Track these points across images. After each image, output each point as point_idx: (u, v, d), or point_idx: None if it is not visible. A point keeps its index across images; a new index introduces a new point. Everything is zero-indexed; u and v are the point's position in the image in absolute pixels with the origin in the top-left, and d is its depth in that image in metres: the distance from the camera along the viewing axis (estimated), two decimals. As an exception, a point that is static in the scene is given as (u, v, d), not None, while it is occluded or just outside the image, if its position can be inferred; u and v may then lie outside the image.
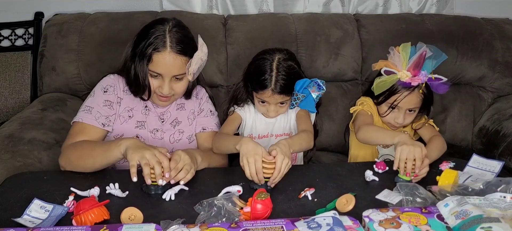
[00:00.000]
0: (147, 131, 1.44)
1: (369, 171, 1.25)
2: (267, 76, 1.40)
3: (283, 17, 2.03)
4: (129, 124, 1.43)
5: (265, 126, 1.55)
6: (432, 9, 2.26)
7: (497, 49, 2.03)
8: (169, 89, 1.38)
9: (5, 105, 2.04)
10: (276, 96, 1.42)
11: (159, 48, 1.33)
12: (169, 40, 1.33)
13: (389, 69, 1.44)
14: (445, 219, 0.96)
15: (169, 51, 1.33)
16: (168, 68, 1.35)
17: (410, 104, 1.45)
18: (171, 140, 1.47)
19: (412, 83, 1.41)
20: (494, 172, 1.26)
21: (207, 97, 1.56)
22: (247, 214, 1.02)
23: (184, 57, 1.36)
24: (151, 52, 1.33)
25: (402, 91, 1.43)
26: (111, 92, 1.43)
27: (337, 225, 0.91)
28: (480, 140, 1.99)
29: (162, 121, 1.47)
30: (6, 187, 1.19)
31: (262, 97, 1.45)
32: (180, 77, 1.39)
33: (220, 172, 1.34)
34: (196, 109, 1.52)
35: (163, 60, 1.33)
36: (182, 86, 1.41)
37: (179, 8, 2.09)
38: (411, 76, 1.41)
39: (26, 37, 2.12)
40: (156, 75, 1.37)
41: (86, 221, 1.00)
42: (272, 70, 1.40)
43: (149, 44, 1.33)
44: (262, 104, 1.48)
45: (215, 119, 1.54)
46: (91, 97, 1.42)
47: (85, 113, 1.38)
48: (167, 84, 1.37)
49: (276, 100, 1.44)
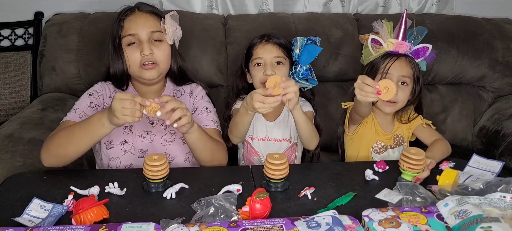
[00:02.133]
0: (135, 135, 1.42)
1: (369, 170, 1.25)
2: (258, 37, 1.52)
3: (283, 17, 2.03)
4: (116, 129, 1.37)
5: (264, 128, 1.54)
6: (432, 9, 2.26)
7: (497, 49, 2.03)
8: (149, 50, 1.35)
9: (5, 105, 2.04)
10: (270, 46, 1.46)
11: (129, 14, 1.38)
12: (137, 6, 1.40)
13: (375, 37, 1.48)
14: (444, 219, 0.95)
15: (138, 12, 1.38)
16: (142, 25, 1.36)
17: (401, 71, 1.45)
18: (162, 142, 1.43)
19: (399, 51, 1.45)
20: (494, 172, 1.26)
21: (203, 95, 1.52)
22: (245, 214, 1.02)
23: (155, 16, 1.40)
24: (123, 19, 1.37)
25: (391, 58, 1.45)
26: (97, 97, 1.43)
27: (336, 224, 0.91)
28: (480, 140, 1.99)
29: (152, 123, 1.44)
30: (6, 187, 1.19)
31: (256, 55, 1.47)
32: (158, 39, 1.39)
33: (220, 171, 1.34)
34: (190, 108, 1.49)
35: (134, 20, 1.37)
36: (163, 51, 1.40)
37: (179, 8, 2.09)
38: (397, 43, 1.44)
39: (26, 37, 2.12)
40: (133, 42, 1.37)
41: (85, 220, 1.00)
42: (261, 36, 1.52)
43: (119, 18, 1.38)
44: (258, 67, 1.48)
45: (212, 116, 1.48)
46: (77, 101, 1.43)
47: (70, 113, 1.37)
48: (146, 44, 1.35)
49: (270, 52, 1.46)
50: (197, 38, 1.90)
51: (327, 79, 2.01)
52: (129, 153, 1.40)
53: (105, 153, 1.41)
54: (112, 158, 1.40)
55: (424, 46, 1.47)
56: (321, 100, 1.90)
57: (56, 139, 1.26)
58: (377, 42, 1.48)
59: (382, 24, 1.49)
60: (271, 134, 1.54)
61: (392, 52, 1.46)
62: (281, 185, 1.17)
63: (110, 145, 1.40)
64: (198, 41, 1.90)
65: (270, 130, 1.54)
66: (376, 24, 1.50)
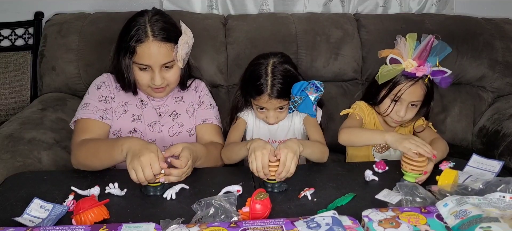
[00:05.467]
0: (144, 124, 1.44)
1: (369, 171, 1.25)
2: (263, 81, 1.37)
3: (283, 17, 2.03)
4: (125, 118, 1.43)
5: (267, 131, 1.53)
6: (432, 9, 2.26)
7: (497, 49, 2.03)
8: (161, 79, 1.36)
9: (5, 105, 2.04)
10: (274, 101, 1.39)
11: (142, 39, 1.32)
12: (151, 30, 1.33)
13: (395, 57, 1.41)
14: (444, 219, 0.96)
15: (152, 41, 1.32)
16: (155, 57, 1.33)
17: (413, 97, 1.43)
18: (170, 133, 1.46)
19: (417, 73, 1.39)
20: (494, 172, 1.26)
21: (206, 91, 1.55)
22: (245, 214, 1.02)
23: (168, 43, 1.35)
24: (134, 44, 1.33)
25: (406, 82, 1.41)
26: (104, 88, 1.44)
27: (336, 225, 0.91)
28: (480, 140, 1.99)
29: (159, 114, 1.47)
30: (6, 187, 1.19)
31: (260, 104, 1.42)
32: (169, 66, 1.38)
33: (220, 172, 1.34)
34: (196, 102, 1.52)
35: (147, 50, 1.33)
36: (174, 74, 1.40)
37: (179, 8, 2.09)
38: (416, 66, 1.39)
39: (26, 37, 2.12)
40: (145, 68, 1.36)
41: (85, 220, 1.00)
42: (268, 74, 1.37)
43: (131, 37, 1.33)
44: (261, 111, 1.45)
45: (215, 112, 1.52)
46: (86, 96, 1.44)
47: (83, 110, 1.39)
48: (157, 75, 1.35)
49: (274, 105, 1.41)
50: (197, 38, 1.87)
51: (327, 79, 2.01)
52: None
53: None
54: None
55: (443, 70, 1.40)
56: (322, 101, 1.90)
57: (84, 151, 1.28)
58: (397, 61, 1.42)
59: (404, 41, 1.42)
60: (274, 136, 1.53)
61: (410, 74, 1.40)
62: (278, 186, 1.18)
63: (118, 134, 1.42)
64: (198, 41, 1.88)
65: (273, 132, 1.53)
66: (398, 40, 1.44)
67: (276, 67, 1.39)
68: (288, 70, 1.40)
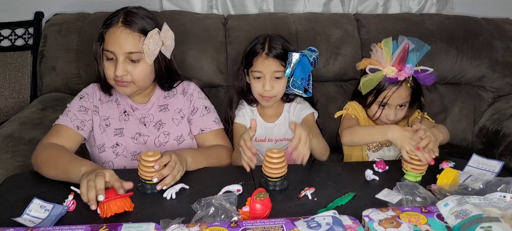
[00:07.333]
0: (127, 137, 1.40)
1: (369, 170, 1.25)
2: (260, 44, 1.45)
3: (283, 17, 2.03)
4: (108, 133, 1.40)
5: (264, 130, 1.53)
6: (432, 9, 2.26)
7: (497, 49, 2.03)
8: (124, 70, 1.29)
9: (5, 105, 2.04)
10: (270, 61, 1.42)
11: (112, 24, 1.30)
12: (123, 17, 1.30)
13: (374, 66, 1.42)
14: (445, 219, 0.95)
15: (120, 26, 1.28)
16: (120, 44, 1.28)
17: (399, 100, 1.44)
18: (156, 143, 1.42)
19: (398, 78, 1.40)
20: (494, 172, 1.26)
21: (198, 92, 1.47)
22: (246, 214, 1.02)
23: (136, 33, 1.29)
24: (104, 30, 1.31)
25: (390, 87, 1.42)
26: (87, 100, 1.40)
27: (337, 224, 0.91)
28: (480, 140, 1.99)
29: (144, 124, 1.42)
30: (6, 187, 1.19)
31: (257, 68, 1.44)
32: (136, 59, 1.30)
33: (220, 171, 1.34)
34: (187, 108, 1.46)
35: (113, 35, 1.28)
36: (140, 71, 1.31)
37: (179, 8, 2.09)
38: (396, 71, 1.40)
39: (26, 37, 2.12)
40: (111, 58, 1.30)
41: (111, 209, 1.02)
42: (265, 39, 1.46)
43: (103, 24, 1.32)
44: (258, 80, 1.46)
45: (213, 115, 1.46)
46: (69, 103, 1.41)
47: (63, 116, 1.37)
48: (120, 64, 1.28)
49: (271, 68, 1.42)
50: (197, 38, 1.90)
51: (327, 79, 2.01)
52: (121, 155, 1.40)
53: (97, 157, 1.41)
54: (105, 162, 1.40)
55: (424, 69, 1.42)
56: (321, 100, 1.90)
57: (45, 155, 1.24)
58: (377, 70, 1.43)
59: (380, 49, 1.42)
60: (271, 135, 1.54)
61: (392, 80, 1.41)
62: (279, 183, 1.18)
63: (102, 148, 1.40)
64: (198, 41, 1.90)
65: (270, 131, 1.54)
66: (373, 48, 1.44)
67: (272, 36, 1.49)
68: (284, 39, 1.50)
